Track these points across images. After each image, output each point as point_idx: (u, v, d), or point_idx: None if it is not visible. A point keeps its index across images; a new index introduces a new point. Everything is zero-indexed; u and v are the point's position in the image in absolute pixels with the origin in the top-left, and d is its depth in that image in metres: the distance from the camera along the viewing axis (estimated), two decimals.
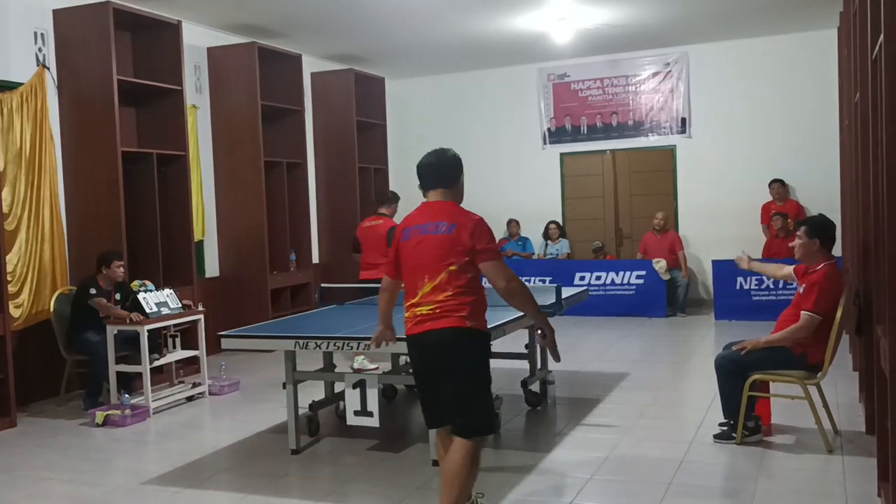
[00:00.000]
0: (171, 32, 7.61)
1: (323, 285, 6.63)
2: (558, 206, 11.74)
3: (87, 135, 7.02)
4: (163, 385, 6.77)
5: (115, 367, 6.20)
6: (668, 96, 11.10)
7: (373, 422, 4.81)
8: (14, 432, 5.85)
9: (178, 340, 6.84)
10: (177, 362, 6.91)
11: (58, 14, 7.04)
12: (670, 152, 11.18)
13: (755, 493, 4.13)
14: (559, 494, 4.30)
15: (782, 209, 10.12)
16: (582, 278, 10.49)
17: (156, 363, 6.38)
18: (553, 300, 5.49)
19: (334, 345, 4.77)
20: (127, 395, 6.12)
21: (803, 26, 9.97)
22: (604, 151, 11.65)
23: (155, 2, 7.58)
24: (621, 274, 10.35)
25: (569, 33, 9.40)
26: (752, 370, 4.83)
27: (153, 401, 6.21)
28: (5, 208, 6.34)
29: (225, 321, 6.97)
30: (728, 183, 10.71)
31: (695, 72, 10.94)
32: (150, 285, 6.74)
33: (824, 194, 9.62)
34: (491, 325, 3.86)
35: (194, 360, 7.00)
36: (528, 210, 11.62)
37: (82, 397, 6.50)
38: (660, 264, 10.16)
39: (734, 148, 10.72)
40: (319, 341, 4.76)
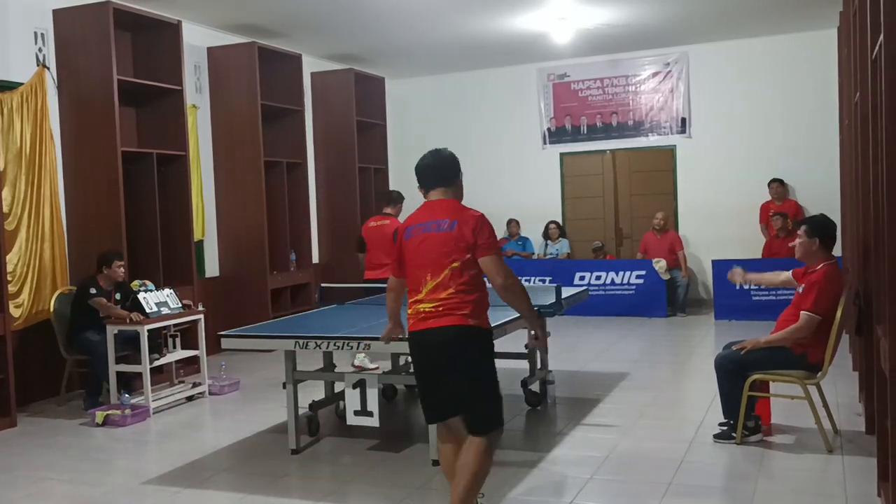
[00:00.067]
0: (171, 32, 7.61)
1: (323, 285, 6.64)
2: (558, 206, 11.75)
3: (87, 135, 7.03)
4: (163, 385, 6.77)
5: (115, 367, 6.21)
6: (668, 96, 11.10)
7: (373, 422, 4.82)
8: (14, 432, 5.85)
9: (178, 340, 6.85)
10: (177, 362, 6.91)
11: (58, 14, 7.04)
12: (670, 152, 11.18)
13: (755, 493, 4.13)
14: (559, 494, 4.30)
15: (781, 209, 10.11)
16: (582, 278, 10.50)
17: (156, 363, 6.38)
18: (553, 300, 5.50)
19: (334, 345, 4.78)
20: (127, 395, 6.12)
21: (803, 26, 9.97)
22: (604, 151, 11.65)
23: (155, 2, 7.58)
24: (621, 274, 10.35)
25: (569, 33, 9.41)
26: (751, 370, 4.83)
27: (153, 401, 6.21)
28: (5, 208, 6.34)
29: (225, 321, 6.97)
30: (728, 183, 10.71)
31: (695, 72, 10.94)
32: (150, 285, 6.74)
33: (824, 194, 9.61)
34: (492, 325, 3.86)
35: (194, 360, 7.00)
36: (528, 210, 11.61)
37: (82, 397, 6.51)
38: (660, 264, 10.16)
39: (734, 148, 10.72)
40: (319, 341, 4.77)
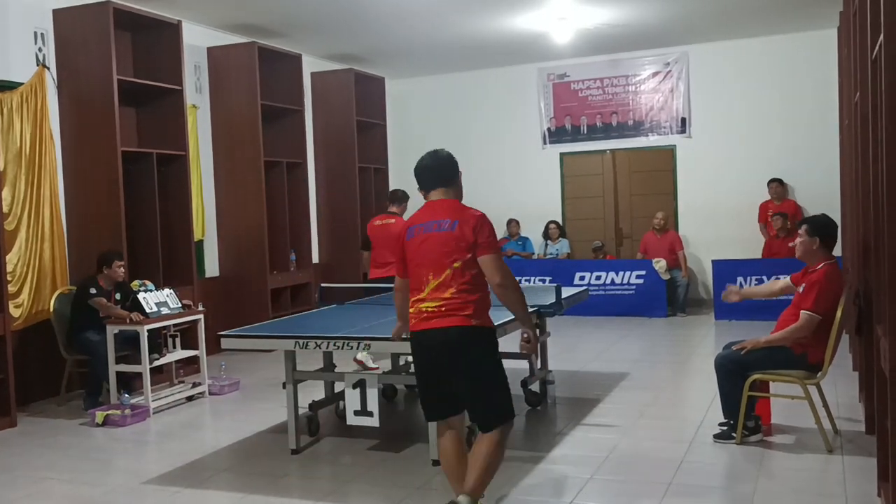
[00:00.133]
0: (171, 32, 7.61)
1: (323, 285, 6.64)
2: (558, 206, 11.75)
3: (87, 135, 7.02)
4: (163, 385, 6.77)
5: (115, 367, 6.21)
6: (667, 96, 11.10)
7: (373, 422, 4.81)
8: (14, 432, 5.85)
9: (178, 340, 6.84)
10: (177, 362, 6.91)
11: (58, 14, 7.04)
12: (670, 152, 11.18)
13: (755, 493, 4.13)
14: (559, 494, 4.30)
15: (780, 209, 10.11)
16: (582, 278, 10.50)
17: (156, 363, 6.38)
18: (553, 300, 5.50)
19: (334, 345, 4.78)
20: (127, 394, 6.12)
21: (803, 26, 9.97)
22: (604, 151, 11.65)
23: (155, 2, 7.58)
24: (621, 274, 10.35)
25: (569, 33, 9.40)
26: (752, 370, 4.83)
27: (153, 401, 6.21)
28: (5, 208, 6.34)
29: (225, 321, 6.96)
30: (728, 183, 10.71)
31: (694, 72, 10.94)
32: (150, 285, 6.74)
33: (824, 194, 9.61)
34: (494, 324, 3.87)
35: (194, 360, 7.00)
36: (528, 210, 11.61)
37: (82, 397, 6.50)
38: (660, 264, 10.15)
39: (734, 148, 10.72)
40: (319, 341, 4.77)
